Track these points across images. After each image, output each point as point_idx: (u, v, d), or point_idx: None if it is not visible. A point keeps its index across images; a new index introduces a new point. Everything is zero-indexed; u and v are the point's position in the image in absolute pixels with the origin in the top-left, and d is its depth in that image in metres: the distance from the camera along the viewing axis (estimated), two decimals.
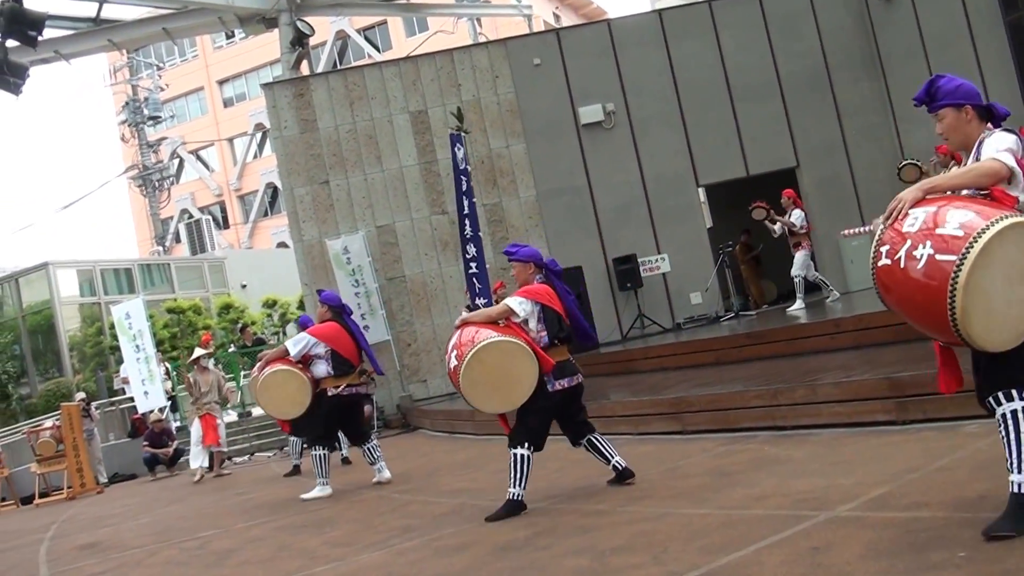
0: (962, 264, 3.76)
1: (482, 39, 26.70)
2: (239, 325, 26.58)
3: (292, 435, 13.60)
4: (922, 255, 3.86)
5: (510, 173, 18.44)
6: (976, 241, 3.78)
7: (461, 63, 18.69)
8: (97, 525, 11.65)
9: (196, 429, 15.57)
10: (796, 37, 18.79)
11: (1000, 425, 4.06)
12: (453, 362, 6.74)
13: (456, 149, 15.64)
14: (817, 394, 7.97)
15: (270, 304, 31.97)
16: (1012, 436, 4.00)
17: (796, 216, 15.26)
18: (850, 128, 18.42)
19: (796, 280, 15.46)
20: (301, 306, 26.13)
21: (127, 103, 45.08)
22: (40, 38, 17.31)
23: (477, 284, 15.24)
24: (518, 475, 6.74)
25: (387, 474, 10.12)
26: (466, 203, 15.60)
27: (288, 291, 31.67)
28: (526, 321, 6.92)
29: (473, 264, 15.38)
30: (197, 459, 15.58)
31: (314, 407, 10.03)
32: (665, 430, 9.38)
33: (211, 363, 16.26)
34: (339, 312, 10.09)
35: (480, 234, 15.42)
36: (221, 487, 13.57)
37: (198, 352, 16.00)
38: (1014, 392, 4.02)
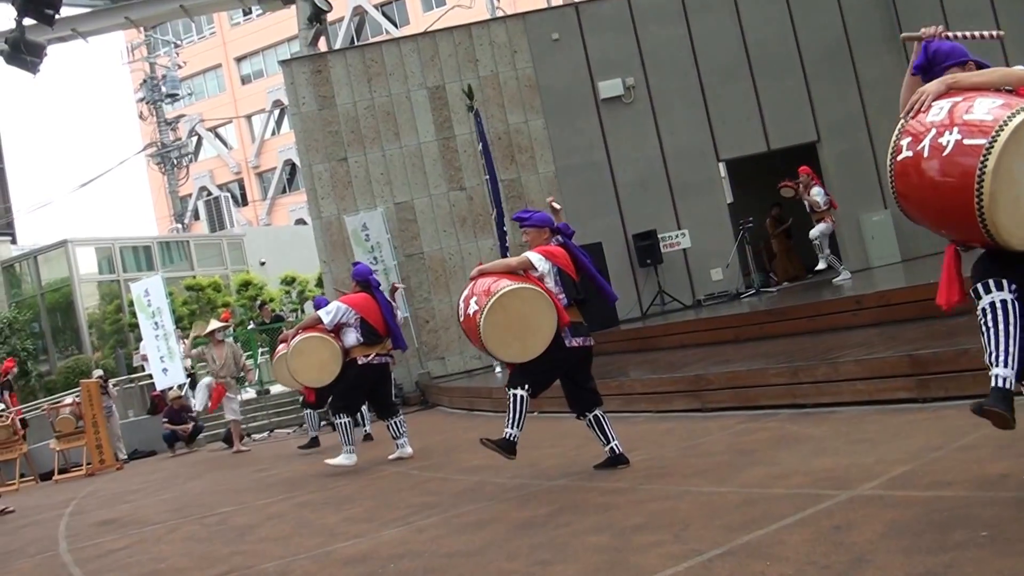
0: (992, 146, 3.64)
1: (500, 14, 26.57)
2: (258, 302, 26.66)
3: (309, 408, 13.63)
4: (949, 141, 3.73)
5: (529, 149, 18.39)
6: (1007, 124, 3.66)
7: (479, 38, 18.62)
8: (117, 501, 11.74)
9: (203, 390, 16.01)
10: (817, 10, 18.63)
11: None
12: (472, 307, 6.74)
13: (480, 124, 15.67)
14: (838, 372, 7.93)
15: (288, 281, 32.06)
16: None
17: (816, 193, 15.15)
18: (871, 102, 18.28)
19: (816, 243, 15.35)
20: (319, 283, 26.20)
21: (145, 81, 45.12)
22: (57, 16, 17.29)
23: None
24: (515, 415, 6.81)
25: (409, 450, 10.18)
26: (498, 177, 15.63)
27: (307, 268, 31.75)
28: (542, 278, 6.94)
29: (508, 237, 15.39)
30: (200, 399, 16.11)
31: (343, 375, 10.16)
32: (685, 408, 9.37)
33: (228, 337, 16.32)
34: (367, 285, 10.25)
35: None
36: (241, 463, 13.63)
37: (214, 324, 16.05)
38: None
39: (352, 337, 10.07)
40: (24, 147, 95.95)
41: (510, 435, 6.82)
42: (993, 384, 3.93)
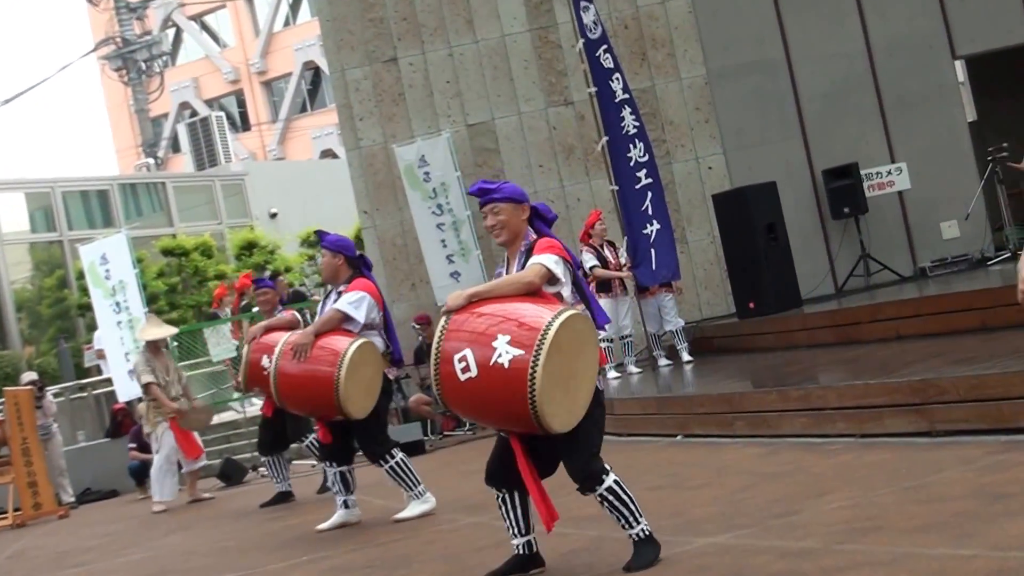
0: None
1: None
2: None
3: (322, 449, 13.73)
4: None
5: (666, 43, 18.28)
6: None
7: None
8: (60, 564, 11.99)
9: (168, 439, 15.41)
10: None
11: None
12: (508, 354, 6.16)
13: (582, 11, 15.47)
14: None
15: (312, 242, 32.22)
16: None
17: None
18: None
19: None
20: (359, 243, 26.38)
21: None
22: None
23: (650, 206, 15.00)
24: (630, 509, 6.61)
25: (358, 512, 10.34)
26: (617, 86, 15.43)
27: (337, 221, 31.92)
28: (560, 293, 6.64)
29: (642, 174, 15.18)
30: (165, 487, 15.45)
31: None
32: (905, 430, 9.31)
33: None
34: (359, 265, 10.11)
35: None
36: (246, 510, 13.83)
37: (163, 332, 16.08)
38: None
39: (379, 344, 10.05)
40: None
41: (640, 533, 6.65)
42: None
